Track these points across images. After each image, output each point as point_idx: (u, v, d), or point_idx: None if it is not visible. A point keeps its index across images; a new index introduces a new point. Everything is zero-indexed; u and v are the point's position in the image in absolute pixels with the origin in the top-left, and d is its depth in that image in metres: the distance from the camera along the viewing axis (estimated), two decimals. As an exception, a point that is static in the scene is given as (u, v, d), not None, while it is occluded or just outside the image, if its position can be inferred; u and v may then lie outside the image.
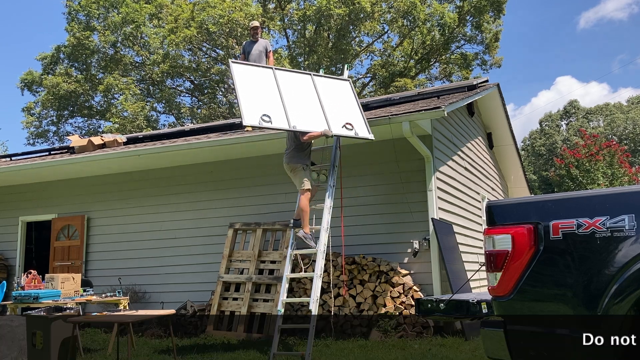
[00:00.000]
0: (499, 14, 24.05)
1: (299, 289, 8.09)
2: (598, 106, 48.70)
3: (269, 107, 6.94)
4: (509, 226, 3.32)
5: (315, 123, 7.18)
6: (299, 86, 7.61)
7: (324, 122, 7.24)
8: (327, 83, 8.03)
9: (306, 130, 7.06)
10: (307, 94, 7.55)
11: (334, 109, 7.52)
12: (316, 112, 7.34)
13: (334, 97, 7.76)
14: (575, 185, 20.54)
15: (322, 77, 8.14)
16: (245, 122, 6.78)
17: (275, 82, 7.36)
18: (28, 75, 26.31)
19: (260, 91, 7.20)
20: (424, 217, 8.07)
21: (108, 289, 8.65)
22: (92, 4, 24.05)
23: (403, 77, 23.44)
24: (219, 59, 24.16)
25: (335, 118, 7.35)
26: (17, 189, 11.29)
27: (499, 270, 3.30)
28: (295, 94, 7.39)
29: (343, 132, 7.31)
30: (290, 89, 7.41)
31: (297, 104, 7.25)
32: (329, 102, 7.58)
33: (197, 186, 9.76)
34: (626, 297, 2.95)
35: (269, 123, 6.77)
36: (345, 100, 7.85)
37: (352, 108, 7.77)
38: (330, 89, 7.92)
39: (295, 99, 7.32)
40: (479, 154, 11.55)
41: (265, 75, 7.47)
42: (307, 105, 7.39)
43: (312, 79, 7.85)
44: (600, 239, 3.07)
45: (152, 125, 24.33)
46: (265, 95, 7.15)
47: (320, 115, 7.32)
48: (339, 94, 7.93)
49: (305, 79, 7.86)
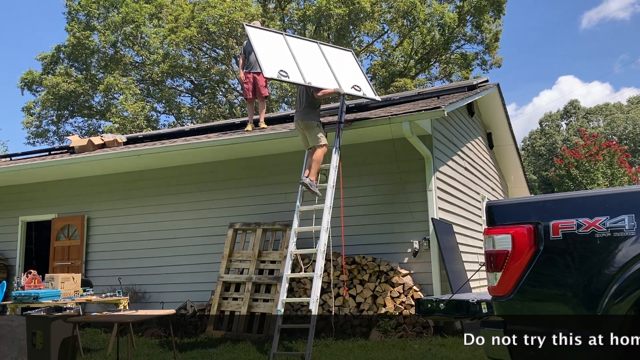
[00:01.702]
0: (499, 13, 24.04)
1: (299, 289, 8.09)
2: (598, 106, 48.71)
3: (285, 64, 7.38)
4: (509, 226, 3.33)
5: (327, 82, 7.63)
6: (308, 51, 8.05)
7: (335, 82, 7.70)
8: (332, 51, 8.51)
9: (320, 86, 7.47)
10: (316, 58, 7.99)
11: (342, 73, 7.99)
12: (326, 73, 7.81)
13: (340, 64, 8.20)
14: (575, 186, 20.55)
15: (328, 46, 8.65)
16: (266, 74, 7.19)
17: (287, 46, 7.76)
18: (28, 75, 26.31)
19: (275, 51, 7.60)
20: (424, 217, 8.07)
21: (108, 289, 8.65)
22: (92, 4, 24.05)
23: (403, 77, 23.44)
24: (219, 59, 24.17)
25: (344, 80, 7.85)
26: (17, 189, 11.28)
27: (499, 270, 3.31)
28: (305, 57, 7.80)
29: (353, 92, 7.90)
30: (301, 53, 7.81)
31: (308, 65, 7.66)
32: (336, 66, 8.04)
33: (197, 186, 9.76)
34: (626, 297, 2.95)
35: (286, 77, 7.23)
36: (350, 67, 8.37)
37: (357, 74, 8.32)
38: (336, 56, 8.40)
39: (307, 61, 7.73)
40: (479, 154, 11.55)
41: (277, 39, 7.89)
42: (318, 67, 7.83)
43: (319, 46, 8.32)
44: (600, 239, 3.07)
45: (152, 125, 24.33)
46: (280, 55, 7.55)
47: (331, 76, 7.77)
48: (344, 62, 8.41)
49: (313, 46, 8.32)
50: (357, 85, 8.01)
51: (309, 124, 7.52)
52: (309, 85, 7.39)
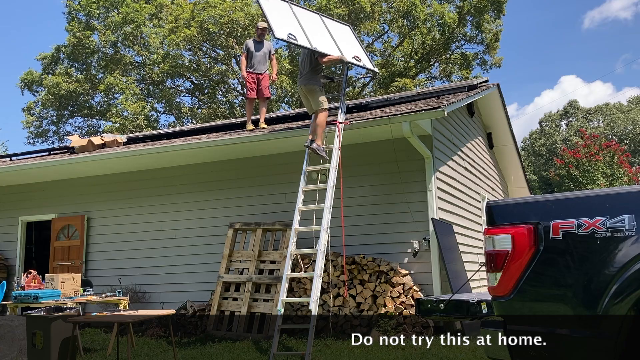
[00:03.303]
0: (499, 14, 24.02)
1: (299, 289, 8.09)
2: (598, 106, 48.72)
3: (293, 29, 7.73)
4: (509, 226, 3.33)
5: (331, 50, 7.94)
6: (312, 20, 8.43)
7: (338, 50, 8.03)
8: (333, 23, 8.91)
9: (326, 52, 7.77)
10: (319, 28, 8.37)
11: (343, 43, 8.38)
12: (330, 42, 8.16)
13: (341, 35, 8.60)
14: (575, 186, 20.55)
15: (328, 18, 9.06)
16: (277, 34, 7.48)
17: (293, 14, 8.11)
18: (28, 75, 26.31)
19: (283, 17, 7.96)
20: (424, 217, 8.07)
21: (108, 289, 8.65)
22: (93, 4, 24.04)
23: (403, 77, 23.43)
24: (219, 59, 24.16)
25: (345, 50, 8.21)
26: (17, 189, 11.29)
27: (499, 271, 3.31)
28: (310, 26, 8.15)
29: (354, 61, 8.30)
30: (306, 21, 8.17)
31: (313, 33, 7.99)
32: (337, 37, 8.42)
33: (197, 186, 9.76)
34: (626, 297, 2.95)
35: (295, 40, 7.57)
36: (349, 40, 8.79)
37: (356, 46, 8.76)
38: (337, 28, 8.78)
39: (311, 29, 8.08)
40: (479, 154, 11.55)
41: (284, 7, 8.23)
42: (321, 35, 8.17)
43: (321, 17, 8.75)
44: (600, 239, 3.07)
45: (152, 125, 24.32)
46: (287, 20, 7.91)
47: (333, 45, 8.12)
48: (344, 34, 8.81)
49: (315, 16, 8.71)
50: (357, 56, 8.42)
51: (311, 88, 7.76)
52: (315, 50, 7.66)
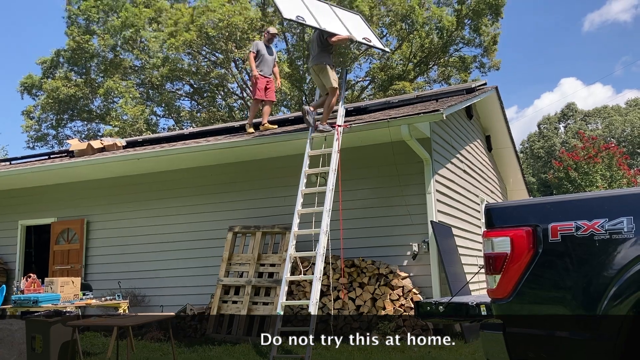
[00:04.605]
0: (497, 17, 24.07)
1: (298, 292, 8.09)
2: (596, 109, 48.78)
3: (301, 12, 7.87)
4: (508, 229, 3.33)
5: (340, 31, 8.07)
6: (321, 7, 8.56)
7: (347, 31, 8.17)
8: (343, 12, 9.07)
9: (335, 32, 7.89)
10: (328, 13, 8.51)
11: (352, 26, 8.53)
12: (338, 24, 8.31)
13: (350, 21, 8.75)
14: (574, 188, 20.58)
15: (338, 8, 9.29)
16: (285, 14, 7.66)
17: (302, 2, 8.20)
18: (28, 79, 26.31)
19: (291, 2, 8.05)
20: (423, 220, 8.08)
21: (108, 293, 8.64)
22: (92, 8, 24.08)
23: (402, 81, 23.45)
24: (218, 63, 24.18)
25: (355, 31, 8.39)
26: (17, 192, 11.29)
27: (498, 273, 3.31)
28: (319, 10, 8.30)
29: (364, 42, 8.53)
30: (314, 7, 8.32)
31: (322, 16, 8.16)
32: (346, 21, 8.58)
33: (196, 189, 9.77)
34: (625, 299, 2.96)
35: (303, 21, 7.70)
36: (359, 24, 8.97)
37: (366, 30, 8.94)
38: (347, 16, 8.96)
39: (320, 13, 8.23)
40: (477, 157, 11.57)
41: None
42: (330, 19, 8.33)
43: (331, 7, 8.90)
44: (599, 241, 3.08)
45: (152, 129, 24.32)
46: (295, 4, 8.02)
47: (342, 27, 8.27)
48: (354, 21, 8.96)
49: (325, 5, 8.79)
50: (367, 37, 8.61)
51: (321, 66, 7.89)
52: (324, 30, 7.80)
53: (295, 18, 7.67)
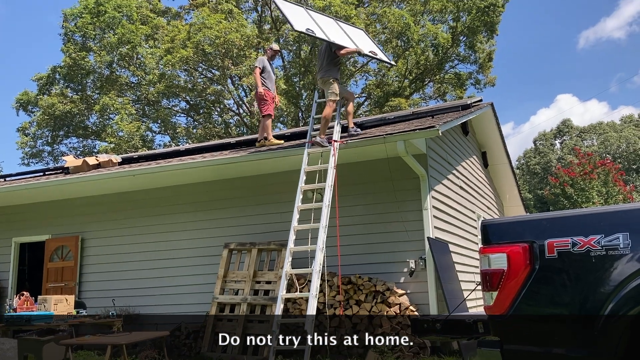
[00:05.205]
0: (492, 34, 24.29)
1: (294, 310, 8.02)
2: (591, 125, 49.09)
3: (310, 25, 8.12)
4: (505, 245, 3.32)
5: (348, 43, 8.34)
6: (327, 21, 8.89)
7: (354, 44, 8.41)
8: (347, 26, 9.35)
9: (343, 45, 8.14)
10: (334, 27, 8.77)
11: (358, 40, 8.82)
12: (345, 38, 8.56)
13: (355, 35, 9.02)
14: (570, 204, 20.61)
15: (343, 22, 9.53)
16: (295, 27, 7.91)
17: (309, 16, 8.55)
18: (23, 95, 26.33)
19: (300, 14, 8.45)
20: (420, 236, 8.05)
21: (102, 310, 8.56)
22: (89, 25, 24.18)
23: (397, 97, 23.56)
24: (214, 79, 24.27)
25: (361, 45, 8.68)
26: (11, 209, 11.22)
27: (494, 290, 3.29)
28: (325, 25, 8.59)
29: (370, 54, 8.86)
30: (321, 21, 8.63)
31: (329, 30, 8.42)
32: (352, 35, 8.85)
33: (192, 206, 9.73)
34: (623, 316, 2.94)
35: (313, 33, 7.94)
36: (364, 39, 9.25)
37: (371, 44, 9.23)
38: (351, 30, 9.24)
39: (327, 27, 8.51)
40: (474, 173, 11.58)
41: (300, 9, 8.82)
42: (337, 32, 8.58)
43: (336, 21, 9.21)
44: (596, 258, 3.07)
45: (148, 146, 24.31)
46: (304, 18, 8.35)
47: (349, 41, 8.51)
48: (359, 35, 9.23)
49: (330, 20, 9.14)
50: (373, 51, 8.96)
51: (326, 80, 8.07)
52: (333, 42, 8.02)
53: (305, 30, 7.90)
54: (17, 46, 60.11)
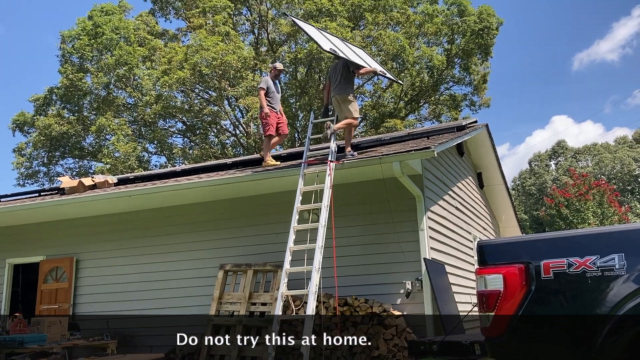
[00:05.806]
0: (486, 56, 24.59)
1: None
2: (586, 146, 49.37)
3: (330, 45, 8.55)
4: (501, 266, 3.32)
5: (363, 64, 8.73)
6: (339, 42, 9.40)
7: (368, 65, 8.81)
8: (352, 46, 9.85)
9: (362, 65, 8.53)
10: (346, 47, 9.20)
11: (368, 60, 9.33)
12: (358, 58, 8.91)
13: (363, 56, 9.55)
14: (566, 225, 20.64)
15: (348, 42, 10.22)
16: (324, 47, 8.32)
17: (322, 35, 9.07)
18: (20, 116, 26.37)
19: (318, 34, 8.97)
20: (416, 257, 8.03)
21: (96, 333, 8.47)
22: (86, 47, 24.34)
23: (393, 118, 23.70)
24: (211, 100, 24.39)
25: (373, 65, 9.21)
26: (5, 230, 11.15)
27: (491, 311, 3.29)
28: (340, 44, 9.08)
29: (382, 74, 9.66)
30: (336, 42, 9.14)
31: (345, 49, 8.86)
32: (361, 55, 9.33)
33: (188, 227, 9.69)
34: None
35: (338, 52, 8.29)
36: (369, 59, 9.76)
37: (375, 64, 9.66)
38: (357, 50, 9.70)
39: (342, 47, 8.98)
40: (469, 194, 11.60)
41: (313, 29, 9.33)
42: (350, 52, 8.96)
43: (342, 41, 9.82)
44: (591, 278, 3.08)
45: (144, 166, 24.30)
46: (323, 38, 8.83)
47: (362, 60, 8.90)
48: (364, 55, 9.72)
49: (337, 39, 9.72)
50: (383, 71, 9.72)
51: (344, 97, 8.32)
52: (354, 62, 8.38)
53: (330, 50, 8.28)
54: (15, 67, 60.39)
